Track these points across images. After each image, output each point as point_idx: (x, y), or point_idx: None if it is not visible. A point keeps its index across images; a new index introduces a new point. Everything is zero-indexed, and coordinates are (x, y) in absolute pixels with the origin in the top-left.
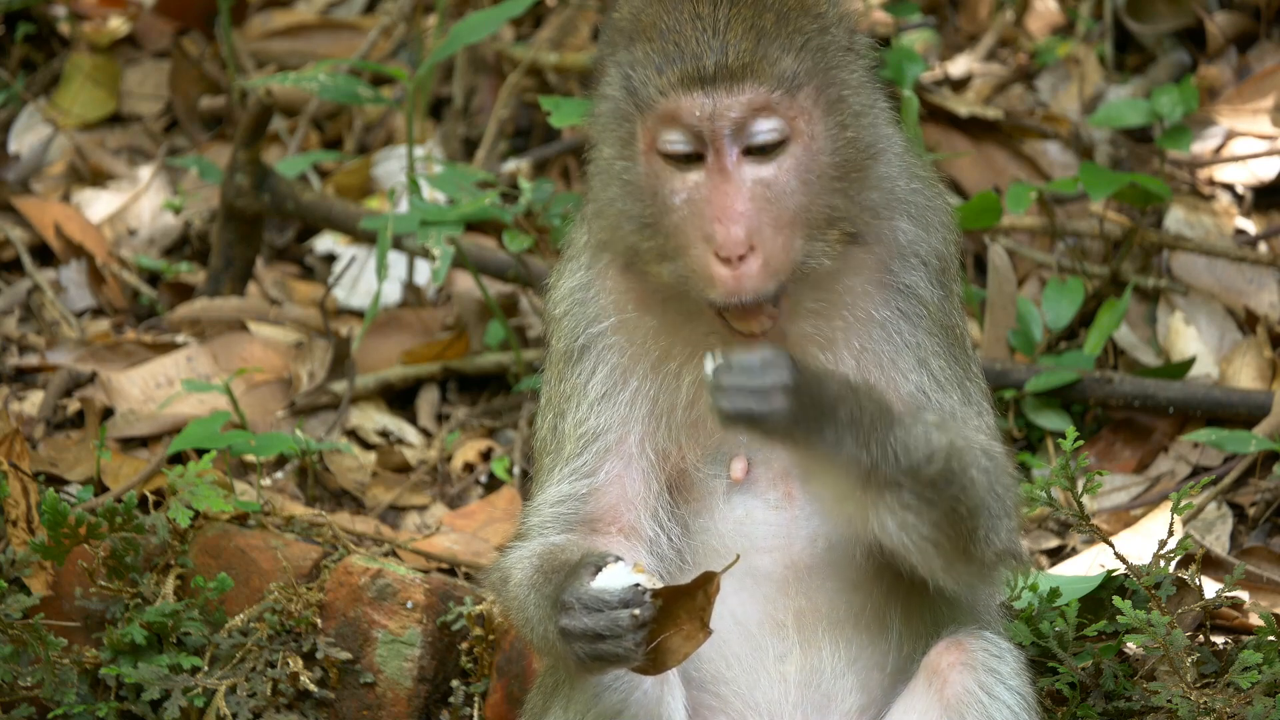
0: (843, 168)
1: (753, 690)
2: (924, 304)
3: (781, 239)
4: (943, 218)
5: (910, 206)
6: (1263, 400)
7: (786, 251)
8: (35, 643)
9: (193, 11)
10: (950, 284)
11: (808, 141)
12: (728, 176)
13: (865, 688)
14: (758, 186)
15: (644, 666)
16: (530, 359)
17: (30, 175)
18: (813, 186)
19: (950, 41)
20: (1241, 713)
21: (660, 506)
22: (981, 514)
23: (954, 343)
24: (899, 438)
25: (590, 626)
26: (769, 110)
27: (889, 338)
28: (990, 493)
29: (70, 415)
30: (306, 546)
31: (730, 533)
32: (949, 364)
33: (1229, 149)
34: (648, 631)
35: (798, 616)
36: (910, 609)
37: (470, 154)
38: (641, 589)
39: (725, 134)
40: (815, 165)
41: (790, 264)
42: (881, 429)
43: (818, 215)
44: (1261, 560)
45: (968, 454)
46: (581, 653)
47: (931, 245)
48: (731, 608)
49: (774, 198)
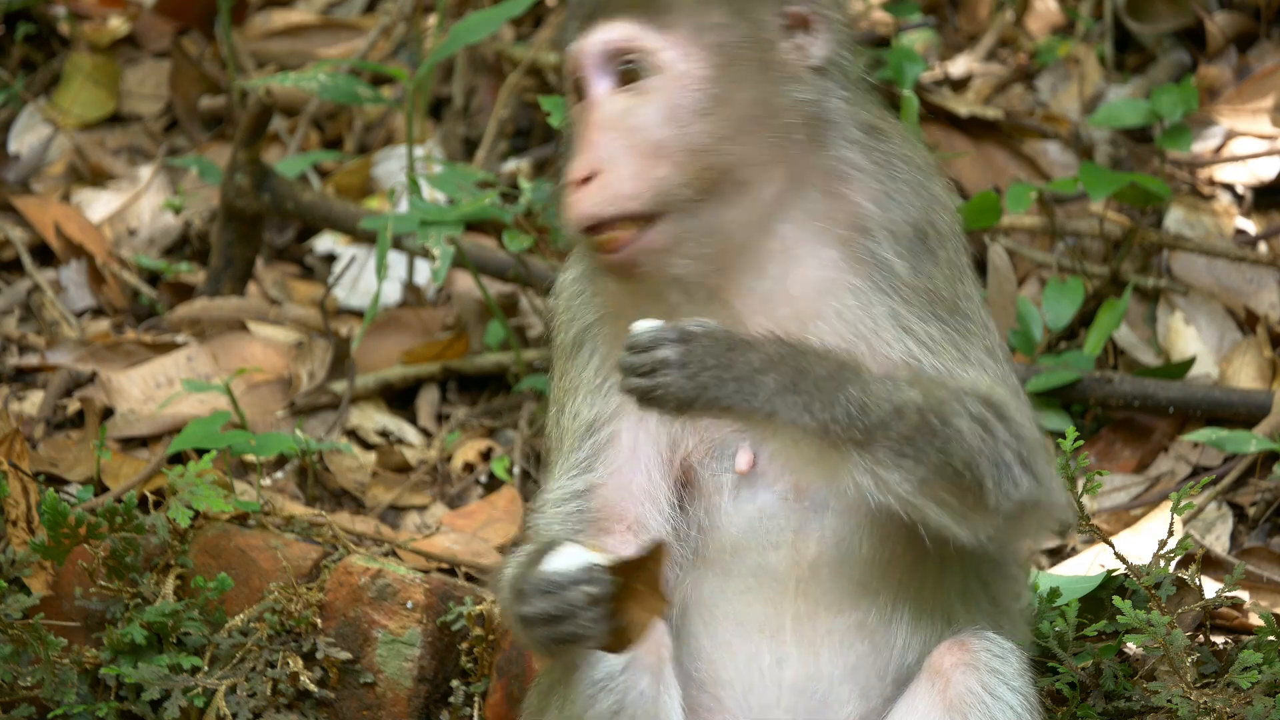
0: (716, 108)
1: (748, 694)
2: (895, 274)
3: (632, 166)
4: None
5: (870, 180)
6: (1263, 400)
7: (635, 179)
8: (35, 643)
9: (193, 11)
10: (932, 252)
11: (675, 76)
12: (593, 106)
13: (865, 695)
14: (617, 115)
15: (610, 644)
16: (530, 359)
17: (30, 175)
18: (676, 120)
19: (950, 41)
20: (1241, 713)
21: (668, 501)
22: (981, 463)
23: (943, 307)
24: (853, 397)
25: (546, 609)
26: (633, 40)
27: (865, 307)
28: (987, 440)
29: (70, 415)
30: (306, 546)
31: (740, 529)
32: (937, 328)
33: (1229, 149)
34: (607, 608)
35: (796, 620)
36: (921, 613)
37: (470, 154)
38: (595, 567)
39: (593, 66)
40: (682, 100)
41: (638, 192)
42: (829, 390)
43: (682, 150)
44: (1261, 560)
45: (949, 405)
46: (543, 637)
47: (898, 216)
48: (736, 608)
49: (632, 127)
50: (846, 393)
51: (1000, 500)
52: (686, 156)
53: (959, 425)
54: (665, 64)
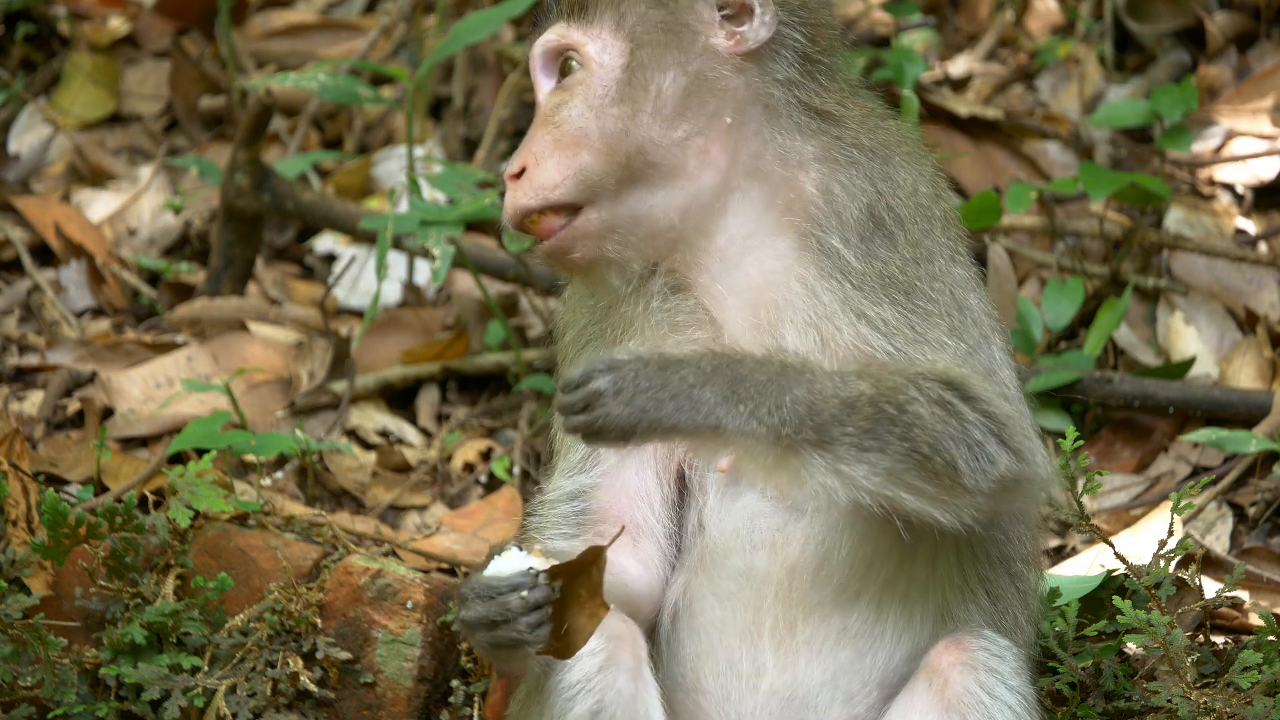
0: (635, 95)
1: (724, 702)
2: (844, 260)
3: (556, 158)
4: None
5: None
6: (1263, 400)
7: (558, 169)
8: (35, 643)
9: (193, 11)
10: (889, 236)
11: (596, 67)
12: (538, 107)
13: (849, 702)
14: (550, 111)
15: (555, 650)
16: (530, 359)
17: (30, 175)
18: (595, 109)
19: (950, 41)
20: (1241, 713)
21: (663, 503)
22: (949, 445)
23: (898, 290)
24: (799, 398)
25: (484, 614)
26: (564, 39)
27: (814, 295)
28: (951, 421)
29: (70, 415)
30: (306, 546)
31: (728, 529)
32: (891, 311)
33: (1229, 149)
34: (546, 613)
35: (774, 628)
36: (910, 615)
37: (470, 154)
38: (533, 571)
39: (537, 69)
40: (601, 89)
41: (560, 181)
42: (772, 394)
43: (603, 138)
44: (1261, 560)
45: (904, 391)
46: (482, 642)
47: (844, 201)
48: (720, 615)
49: (559, 120)
50: (792, 394)
51: (978, 479)
52: (604, 143)
53: (917, 410)
54: (588, 57)
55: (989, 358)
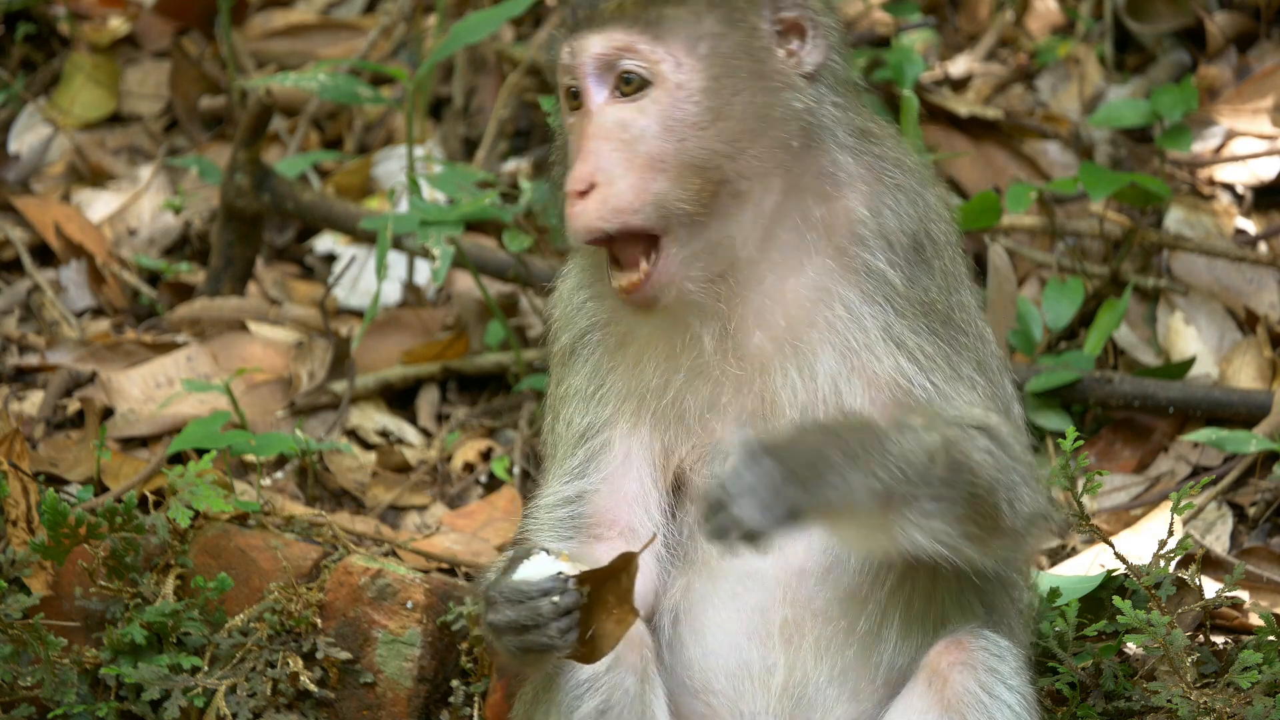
0: (713, 120)
1: (738, 700)
2: (889, 284)
3: (631, 179)
4: (906, 197)
5: (862, 185)
6: (1263, 400)
7: (634, 193)
8: (35, 643)
9: (193, 11)
10: (926, 261)
11: (673, 88)
12: (589, 116)
13: (855, 698)
14: (615, 127)
15: (580, 654)
16: (530, 359)
17: (30, 175)
18: (675, 133)
19: (950, 41)
20: (1241, 713)
21: (661, 508)
22: (999, 489)
23: (936, 319)
24: (894, 453)
25: (514, 618)
26: (630, 51)
27: (856, 320)
28: (999, 466)
29: (70, 415)
30: (306, 546)
31: None
32: (930, 341)
33: (1229, 149)
34: (575, 618)
35: (784, 626)
36: (911, 618)
37: (470, 154)
38: (563, 576)
39: (588, 73)
40: (680, 112)
41: (637, 206)
42: (876, 451)
43: (681, 163)
44: (1261, 560)
45: (964, 441)
46: (510, 646)
47: (888, 224)
48: (724, 617)
49: (630, 139)
50: (888, 450)
51: (1015, 520)
52: (685, 170)
53: (977, 459)
54: (662, 75)
55: (1005, 391)
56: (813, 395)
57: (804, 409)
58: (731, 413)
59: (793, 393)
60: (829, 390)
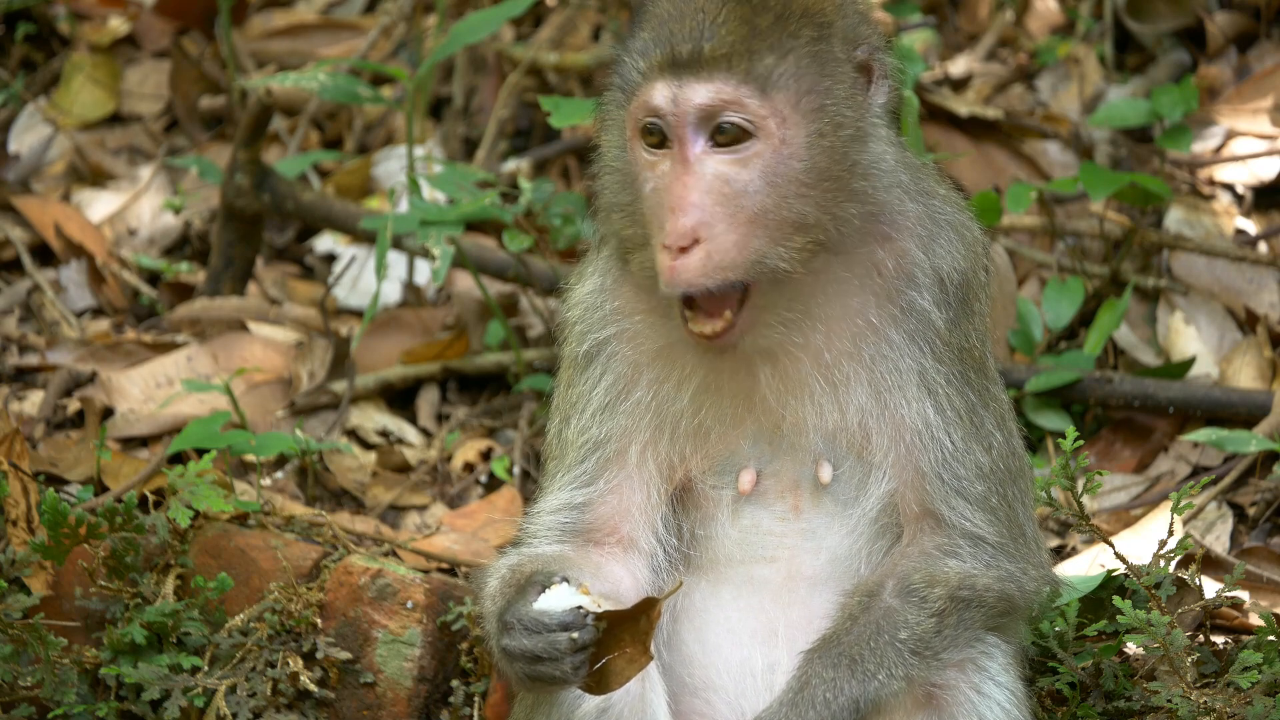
0: (816, 176)
1: (740, 699)
2: (932, 326)
3: (734, 236)
4: (959, 238)
5: (918, 226)
6: (1263, 400)
7: (738, 250)
8: (35, 643)
9: (193, 11)
10: (969, 305)
11: (778, 144)
12: (688, 166)
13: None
14: (717, 180)
15: (588, 686)
16: (530, 359)
17: (30, 175)
18: (779, 189)
19: (950, 41)
20: (1241, 713)
21: (661, 519)
22: (1008, 584)
23: (969, 366)
24: (904, 638)
25: (529, 648)
26: (738, 105)
27: (895, 360)
28: (1002, 575)
29: (70, 415)
30: (306, 546)
31: (735, 543)
32: (959, 391)
33: (1229, 149)
34: (589, 654)
35: (789, 628)
36: None
37: (470, 154)
38: (583, 612)
39: (689, 122)
40: (784, 169)
41: (740, 263)
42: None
43: (783, 220)
44: (1261, 560)
45: (965, 576)
46: (521, 673)
47: (942, 265)
48: (727, 615)
49: (733, 194)
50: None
51: (1029, 600)
52: (784, 225)
53: (980, 584)
54: (768, 131)
55: (1018, 444)
56: (839, 426)
57: (827, 437)
58: (750, 430)
59: (819, 418)
60: (856, 425)
